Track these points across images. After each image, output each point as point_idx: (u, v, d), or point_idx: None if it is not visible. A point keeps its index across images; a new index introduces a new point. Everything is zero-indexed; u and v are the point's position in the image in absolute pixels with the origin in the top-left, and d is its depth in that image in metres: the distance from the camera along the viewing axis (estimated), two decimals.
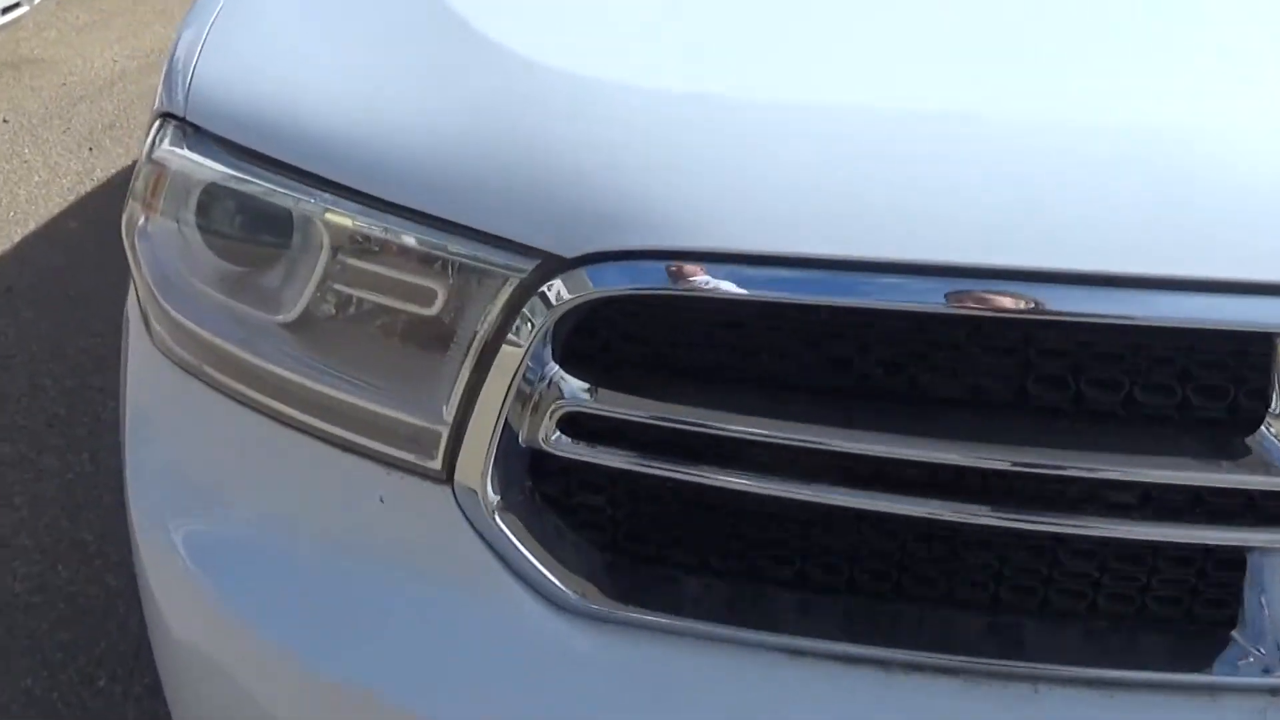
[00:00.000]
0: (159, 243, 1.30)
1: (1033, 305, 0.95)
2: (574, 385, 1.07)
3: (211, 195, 1.26)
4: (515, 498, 1.13)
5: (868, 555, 1.11)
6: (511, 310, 1.06)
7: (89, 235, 3.60)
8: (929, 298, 0.95)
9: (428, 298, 1.14)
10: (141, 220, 1.31)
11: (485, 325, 1.07)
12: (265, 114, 1.20)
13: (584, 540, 1.14)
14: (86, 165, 3.99)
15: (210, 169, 1.22)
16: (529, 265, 1.04)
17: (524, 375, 1.06)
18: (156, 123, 1.31)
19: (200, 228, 1.28)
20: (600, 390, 1.07)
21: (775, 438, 1.04)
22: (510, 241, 1.05)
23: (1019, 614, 1.12)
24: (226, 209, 1.27)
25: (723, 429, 1.04)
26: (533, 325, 1.05)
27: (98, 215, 3.72)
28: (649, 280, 0.99)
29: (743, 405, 1.05)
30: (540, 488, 1.14)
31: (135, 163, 1.37)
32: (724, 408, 1.05)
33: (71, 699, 2.26)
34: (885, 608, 1.12)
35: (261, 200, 1.20)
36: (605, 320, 1.07)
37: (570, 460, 1.11)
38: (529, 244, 1.04)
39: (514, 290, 1.05)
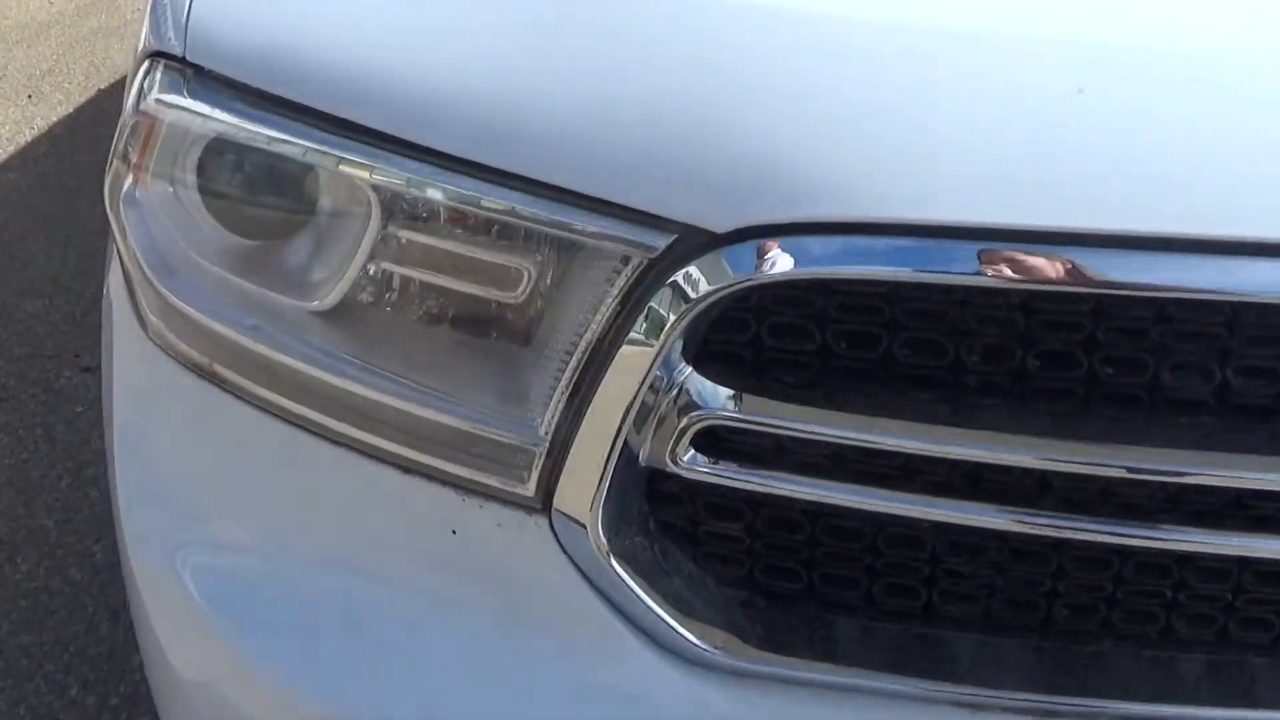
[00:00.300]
0: (152, 212, 1.04)
1: None
2: (714, 392, 0.84)
3: (218, 152, 1.01)
4: (629, 530, 0.90)
5: (1068, 589, 0.90)
6: (635, 299, 0.82)
7: (32, 188, 3.29)
8: (1255, 283, 0.73)
9: (511, 280, 0.90)
10: (128, 185, 1.05)
11: (598, 318, 0.84)
12: (292, 50, 0.95)
13: (714, 578, 0.92)
14: (26, 114, 3.66)
15: (218, 120, 0.97)
16: (661, 242, 0.81)
17: (651, 382, 0.83)
18: (143, 66, 1.05)
19: (204, 192, 1.03)
20: (746, 397, 0.84)
21: (972, 453, 0.82)
22: (636, 212, 0.81)
23: (1245, 653, 0.91)
24: (237, 168, 1.02)
25: (913, 445, 0.82)
26: (666, 318, 0.81)
27: (40, 167, 3.41)
28: (841, 260, 0.76)
29: (929, 414, 0.83)
30: (658, 516, 0.91)
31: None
32: (908, 416, 0.82)
33: (42, 711, 2.02)
34: (1088, 650, 0.91)
35: (285, 157, 0.96)
36: (746, 312, 0.83)
37: (699, 483, 0.88)
38: (663, 215, 0.80)
39: (639, 273, 0.82)
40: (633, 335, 0.83)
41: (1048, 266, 0.74)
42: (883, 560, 0.89)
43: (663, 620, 0.88)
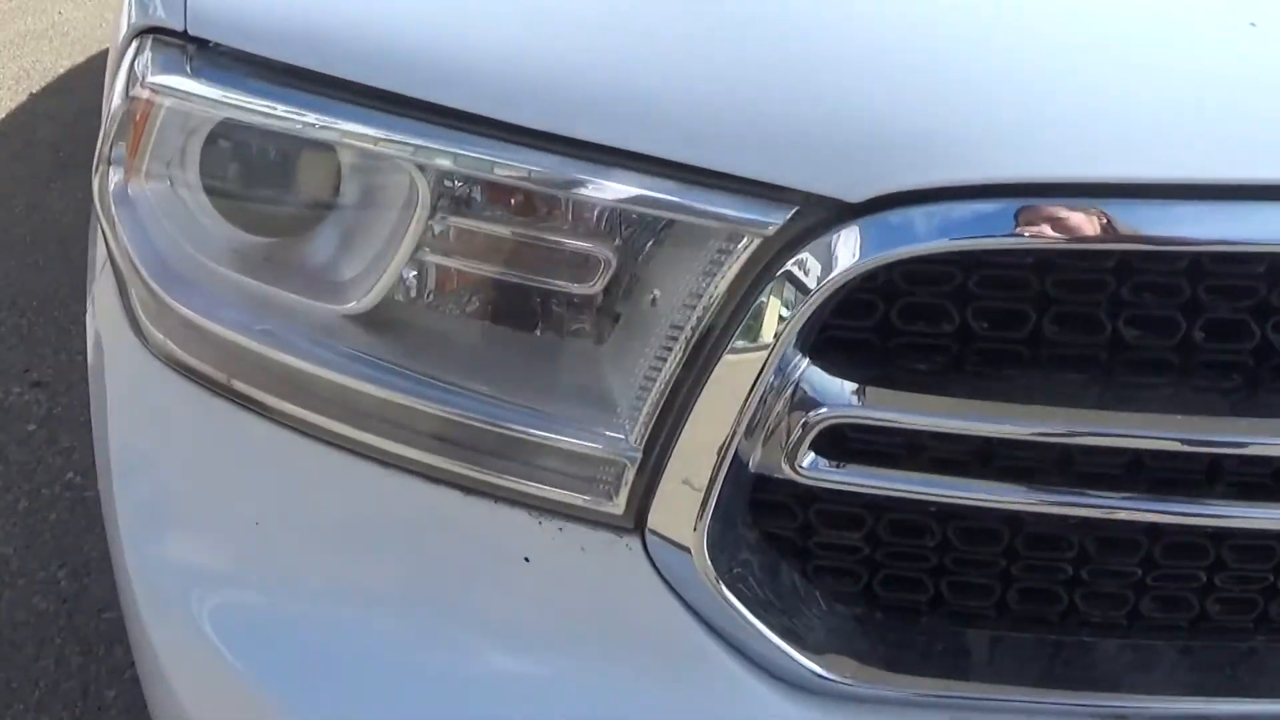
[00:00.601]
0: (149, 212, 0.92)
1: None
2: (836, 386, 0.73)
3: (226, 138, 0.89)
4: (734, 547, 0.79)
5: (1225, 582, 0.80)
6: (747, 285, 0.71)
7: None
8: None
9: (586, 270, 0.78)
10: (118, 182, 0.92)
11: (701, 309, 0.73)
12: (319, 16, 0.82)
13: (826, 594, 0.81)
14: None
15: (230, 101, 0.84)
16: (778, 217, 0.70)
17: (768, 382, 0.72)
18: (131, 46, 0.92)
19: (210, 185, 0.90)
20: (870, 390, 0.74)
21: (1136, 438, 0.72)
22: (746, 182, 0.70)
23: None
24: (250, 156, 0.90)
25: (1067, 433, 0.72)
26: (785, 305, 0.70)
27: None
28: (1003, 226, 0.65)
29: (1081, 397, 0.73)
30: (762, 528, 0.81)
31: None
32: (1059, 401, 0.72)
33: None
34: (1240, 647, 0.82)
35: (309, 140, 0.84)
36: (871, 293, 0.73)
37: (813, 490, 0.77)
38: (782, 184, 0.69)
39: (751, 255, 0.71)
40: (745, 327, 0.72)
41: (1250, 222, 0.64)
42: (1021, 563, 0.79)
43: (777, 647, 0.78)
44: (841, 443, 0.75)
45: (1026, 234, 0.66)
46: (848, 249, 0.68)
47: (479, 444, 0.81)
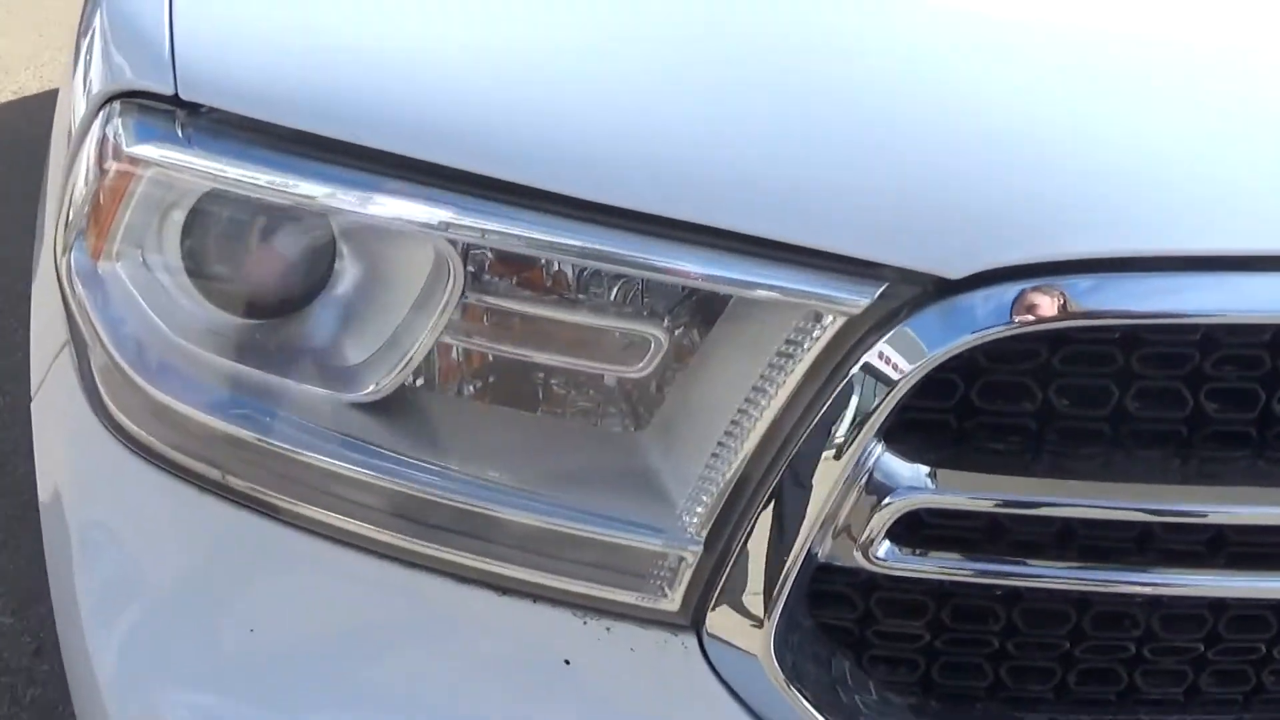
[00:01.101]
0: (122, 293, 0.84)
1: None
2: (910, 471, 0.70)
3: (209, 211, 0.82)
4: (798, 644, 0.75)
5: None
6: (830, 368, 0.67)
7: None
8: None
9: (636, 350, 0.74)
10: (85, 260, 0.85)
11: (777, 395, 0.68)
12: (331, 77, 0.76)
13: (880, 683, 0.78)
14: None
15: (229, 173, 0.77)
16: (865, 296, 0.66)
17: (851, 472, 0.68)
18: (102, 111, 0.84)
19: (192, 262, 0.83)
20: (942, 473, 0.70)
21: (1220, 512, 0.70)
22: (833, 258, 0.66)
23: None
24: (236, 231, 0.83)
25: (1153, 510, 0.69)
26: (871, 392, 0.67)
27: None
28: (1116, 299, 0.63)
29: (1164, 474, 0.71)
30: (818, 619, 0.77)
31: None
32: (1143, 478, 0.70)
33: None
34: None
35: (309, 213, 0.77)
36: (951, 372, 0.70)
37: (876, 577, 0.74)
38: (873, 260, 0.65)
39: (835, 335, 0.67)
40: (825, 416, 0.68)
41: None
42: (1086, 643, 0.77)
43: None
44: (915, 528, 0.72)
45: (1134, 308, 0.63)
46: (941, 328, 0.65)
47: (517, 540, 0.76)
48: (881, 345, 0.66)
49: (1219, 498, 0.69)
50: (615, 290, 0.73)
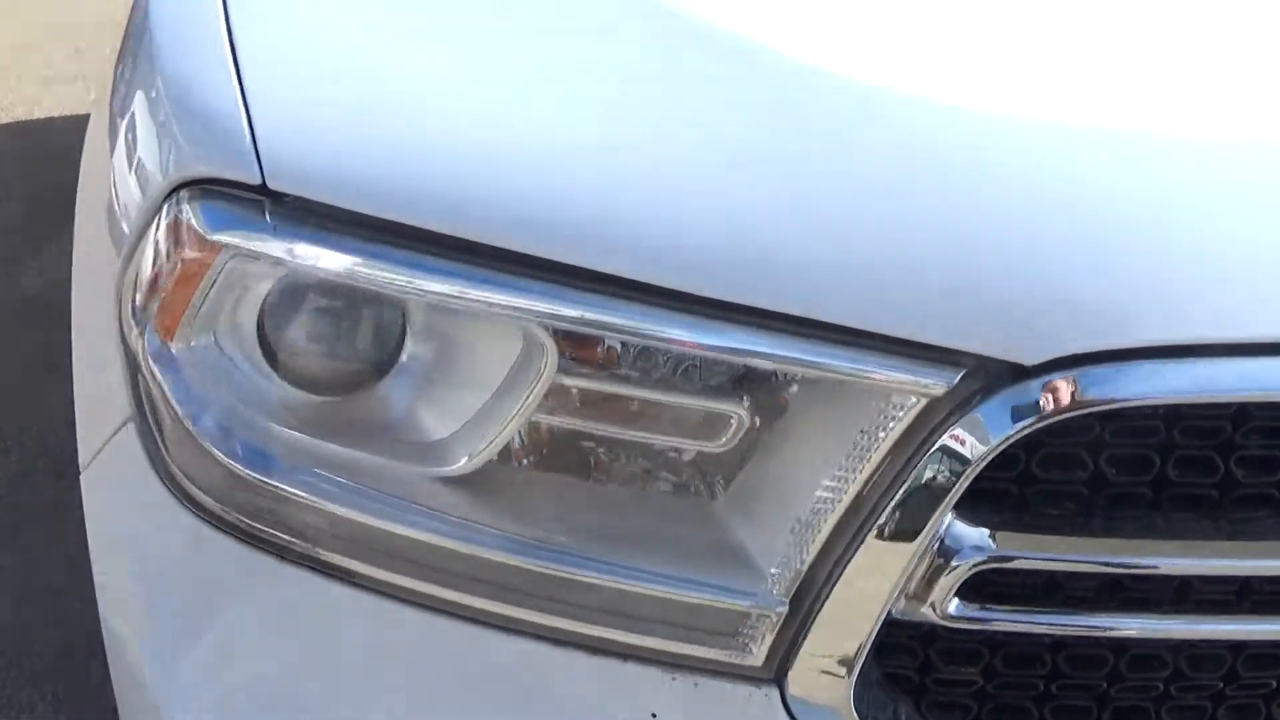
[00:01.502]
0: (195, 369, 0.87)
1: None
2: (977, 535, 0.77)
3: (288, 294, 0.86)
4: (872, 694, 0.81)
5: None
6: (912, 445, 0.74)
7: None
8: None
9: (717, 426, 0.80)
10: (158, 339, 0.88)
11: (861, 471, 0.75)
12: (425, 169, 0.81)
13: None
14: None
15: (316, 261, 0.82)
16: (945, 380, 0.73)
17: (930, 539, 0.75)
18: (174, 196, 0.87)
19: (269, 342, 0.87)
20: (1001, 534, 0.78)
21: (1249, 566, 0.79)
22: (914, 345, 0.73)
23: None
24: (316, 313, 0.87)
25: (1192, 565, 0.78)
26: (949, 469, 0.74)
27: None
28: (1167, 385, 0.71)
29: (1201, 531, 0.79)
30: (883, 668, 0.83)
31: None
32: (1182, 536, 0.78)
33: None
34: None
35: (391, 295, 0.82)
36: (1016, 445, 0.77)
37: (938, 629, 0.81)
38: (955, 348, 0.72)
39: (917, 416, 0.74)
40: (907, 491, 0.74)
41: None
42: (1121, 684, 0.85)
43: None
44: (977, 583, 0.79)
45: (1187, 391, 0.71)
46: (1017, 408, 0.72)
47: (609, 604, 0.81)
48: (958, 428, 0.72)
49: (1246, 553, 0.78)
50: (699, 371, 0.78)
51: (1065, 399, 0.71)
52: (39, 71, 3.97)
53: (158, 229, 0.89)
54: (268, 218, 0.82)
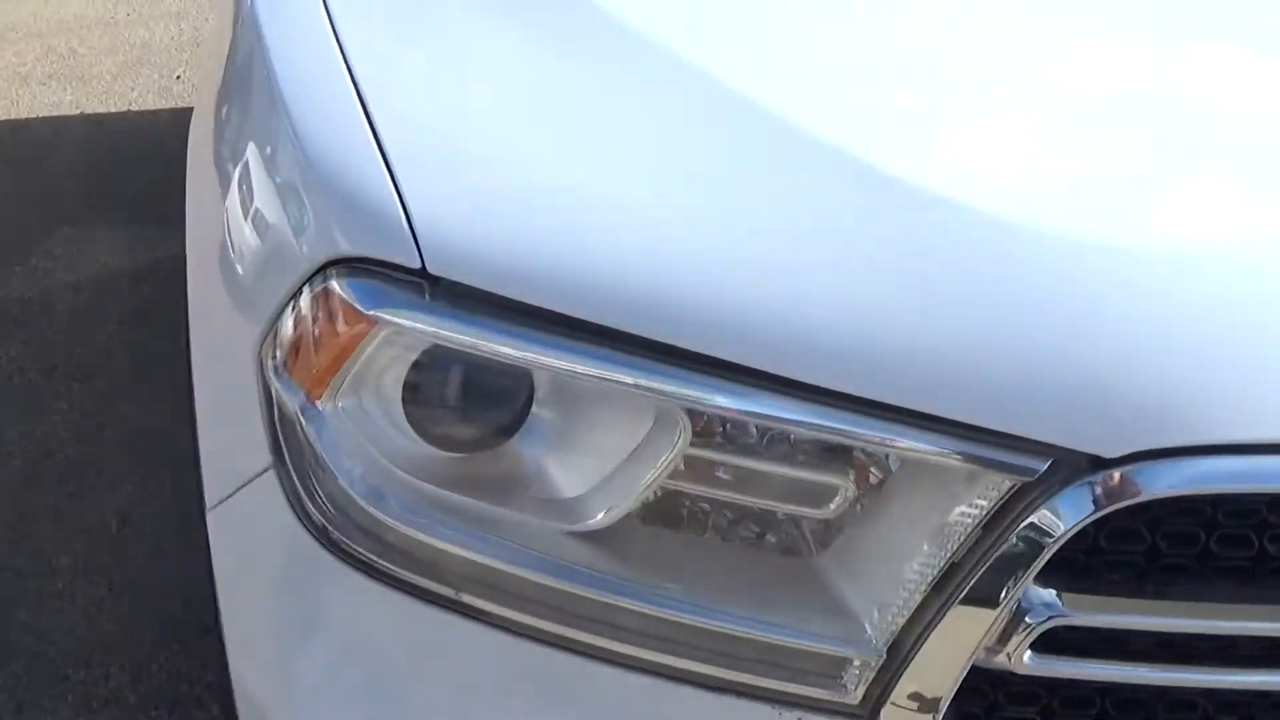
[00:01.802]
0: (341, 427, 0.97)
1: None
2: (1045, 595, 0.90)
3: (432, 362, 0.96)
4: None
5: None
6: (1004, 525, 0.87)
7: None
8: None
9: (825, 494, 0.92)
10: (304, 397, 0.98)
11: (956, 543, 0.87)
12: (566, 260, 0.91)
13: None
14: None
15: (467, 339, 0.92)
16: (1036, 467, 0.86)
17: (1013, 602, 0.88)
18: (324, 272, 0.97)
19: (411, 404, 0.97)
20: (1066, 595, 0.91)
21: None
22: (1011, 437, 0.85)
23: None
24: (458, 379, 0.97)
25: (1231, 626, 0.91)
26: (1033, 544, 0.86)
27: None
28: (1223, 478, 0.84)
29: (1239, 596, 0.92)
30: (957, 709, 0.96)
31: None
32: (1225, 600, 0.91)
33: None
34: None
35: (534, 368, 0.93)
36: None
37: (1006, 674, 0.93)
38: (1044, 440, 0.85)
39: (1010, 497, 0.86)
40: (996, 562, 0.87)
41: None
42: None
43: None
44: (1046, 637, 0.91)
45: (1246, 483, 0.85)
46: (1097, 494, 0.85)
47: (727, 649, 0.92)
48: (1043, 509, 0.85)
49: (1276, 616, 0.91)
50: (814, 447, 0.90)
51: (1139, 488, 0.84)
52: (13, 70, 3.97)
53: (304, 299, 0.98)
54: (427, 299, 0.92)
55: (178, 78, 3.95)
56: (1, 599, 2.10)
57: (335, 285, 0.95)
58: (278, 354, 1.00)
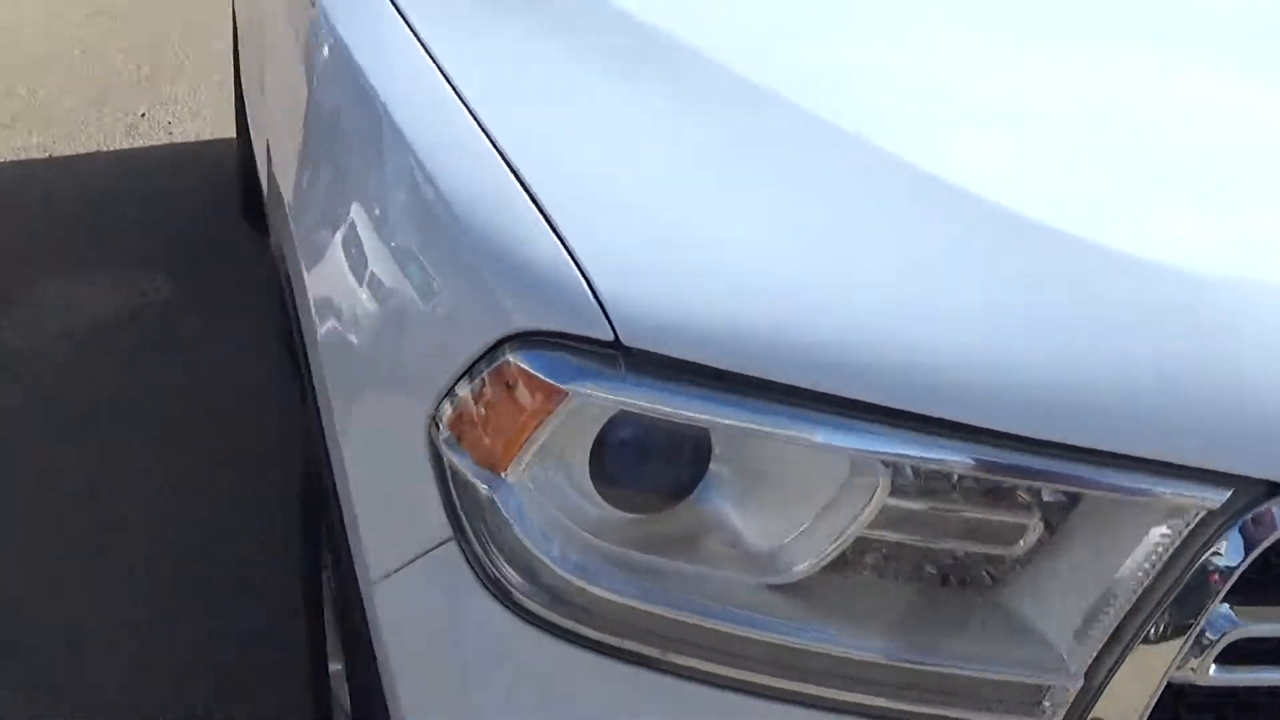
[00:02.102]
0: (529, 500, 1.00)
1: None
2: (1223, 610, 0.95)
3: (619, 427, 0.99)
4: None
5: None
6: (1192, 552, 0.92)
7: None
8: None
9: (1014, 533, 0.96)
10: (492, 471, 1.01)
11: (1147, 573, 0.92)
12: (756, 324, 0.95)
13: None
14: None
15: (660, 405, 0.95)
16: (1219, 497, 0.91)
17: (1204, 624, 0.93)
18: (485, 351, 1.00)
19: (600, 471, 1.00)
20: (1238, 608, 0.96)
21: None
22: (1188, 470, 0.91)
23: None
24: (643, 444, 1.01)
25: None
26: (1221, 570, 0.92)
27: None
28: None
29: None
30: None
31: None
32: None
33: None
34: None
35: (723, 429, 0.96)
36: None
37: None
38: (1227, 471, 0.91)
39: (1194, 527, 0.92)
40: (1186, 587, 0.92)
41: None
42: None
43: None
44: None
45: None
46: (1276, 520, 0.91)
47: (930, 685, 0.97)
48: (1228, 535, 0.90)
49: None
50: (1014, 496, 0.95)
51: None
52: None
53: (482, 373, 1.01)
54: (621, 369, 0.95)
55: (143, 115, 3.91)
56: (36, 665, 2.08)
57: (517, 359, 0.98)
58: (453, 428, 1.03)
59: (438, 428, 1.05)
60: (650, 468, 1.01)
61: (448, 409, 1.04)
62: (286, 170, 1.58)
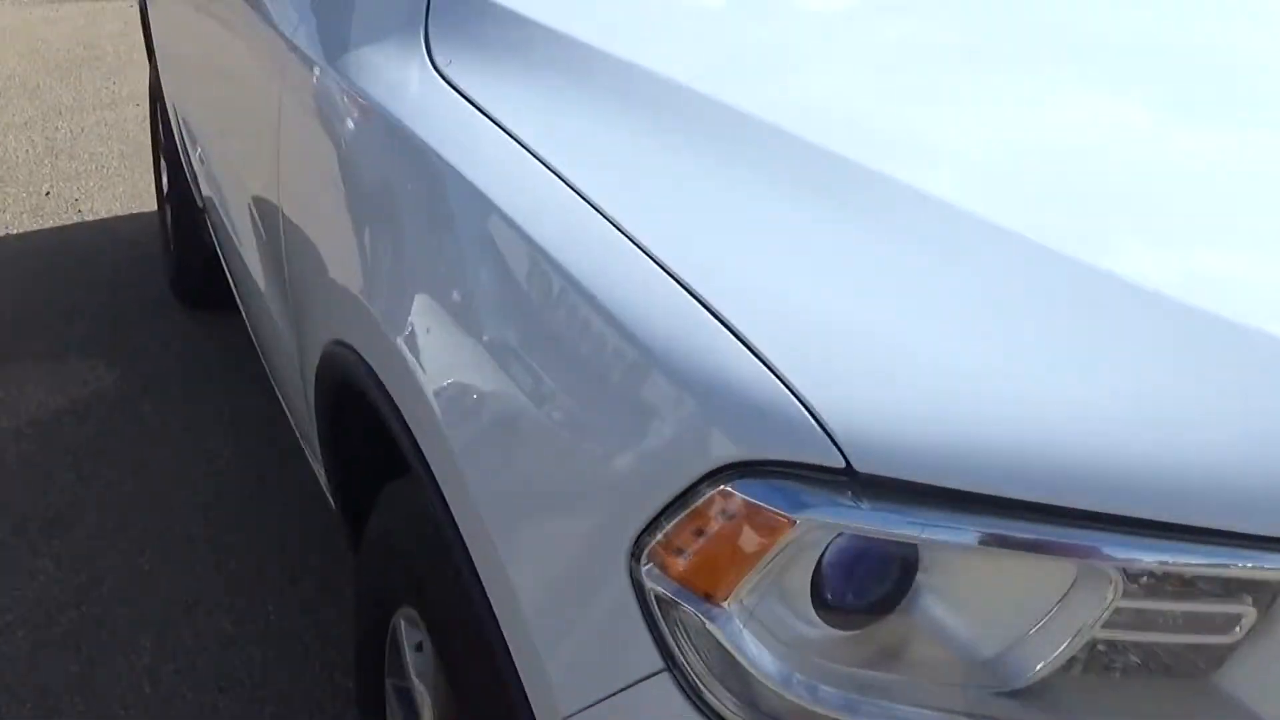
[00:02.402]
0: (751, 629, 1.01)
1: None
2: None
3: (842, 549, 1.00)
4: None
5: None
6: None
7: None
8: None
9: (1229, 623, 1.00)
10: (709, 601, 1.01)
11: None
12: (985, 443, 0.97)
13: None
14: None
15: (890, 529, 0.97)
16: None
17: None
18: (693, 481, 1.00)
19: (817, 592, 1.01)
20: None
21: None
22: None
23: None
24: (865, 562, 1.02)
25: None
26: None
27: None
28: None
29: None
30: None
31: None
32: None
33: None
34: None
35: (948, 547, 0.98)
36: None
37: None
38: None
39: None
40: None
41: None
42: None
43: None
44: None
45: None
46: None
47: None
48: None
49: None
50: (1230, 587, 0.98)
51: None
52: None
53: (696, 502, 1.00)
54: (851, 497, 0.96)
55: (47, 193, 3.76)
56: None
57: (736, 489, 0.98)
58: (657, 559, 1.02)
59: (636, 560, 1.04)
60: (863, 583, 1.02)
61: (651, 540, 1.03)
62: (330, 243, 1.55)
